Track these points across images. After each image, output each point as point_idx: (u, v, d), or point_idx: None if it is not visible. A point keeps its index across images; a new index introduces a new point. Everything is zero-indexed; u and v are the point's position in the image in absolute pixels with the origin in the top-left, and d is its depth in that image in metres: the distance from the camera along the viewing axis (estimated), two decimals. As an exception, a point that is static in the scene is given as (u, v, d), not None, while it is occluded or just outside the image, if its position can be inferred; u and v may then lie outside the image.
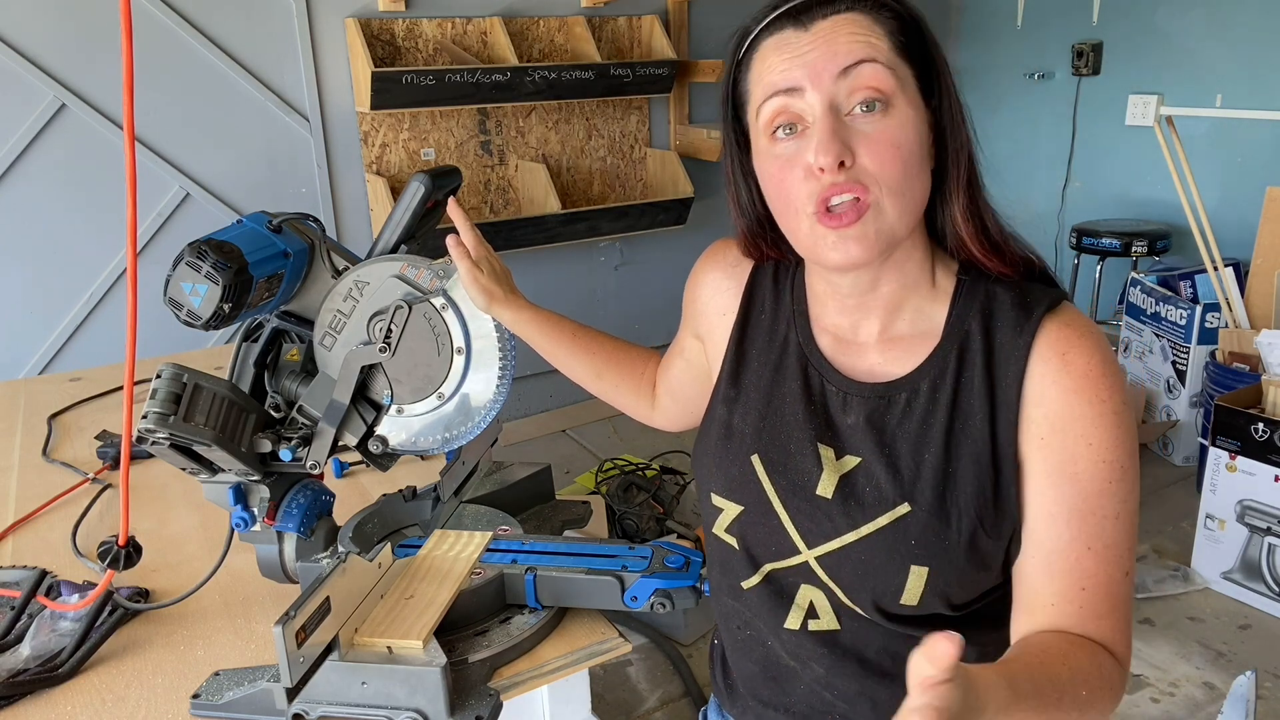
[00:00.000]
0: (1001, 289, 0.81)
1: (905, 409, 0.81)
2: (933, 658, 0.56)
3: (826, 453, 0.83)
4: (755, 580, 0.88)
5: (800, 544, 0.84)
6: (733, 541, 0.88)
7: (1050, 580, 0.77)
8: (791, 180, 0.76)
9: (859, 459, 0.82)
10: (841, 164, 0.73)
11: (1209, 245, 2.85)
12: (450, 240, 0.98)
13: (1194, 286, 3.24)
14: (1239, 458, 2.46)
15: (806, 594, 0.86)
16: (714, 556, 0.93)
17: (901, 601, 0.80)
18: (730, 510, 0.87)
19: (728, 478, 0.87)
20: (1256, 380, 2.58)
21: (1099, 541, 0.76)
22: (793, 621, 0.86)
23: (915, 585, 0.79)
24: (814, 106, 0.74)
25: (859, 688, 0.86)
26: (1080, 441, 0.76)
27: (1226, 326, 2.94)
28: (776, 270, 0.92)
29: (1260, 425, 2.40)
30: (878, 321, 0.84)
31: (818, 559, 0.83)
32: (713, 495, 0.89)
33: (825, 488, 0.82)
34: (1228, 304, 2.92)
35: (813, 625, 0.86)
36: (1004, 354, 0.79)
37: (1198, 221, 2.84)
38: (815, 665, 0.87)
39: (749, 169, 0.84)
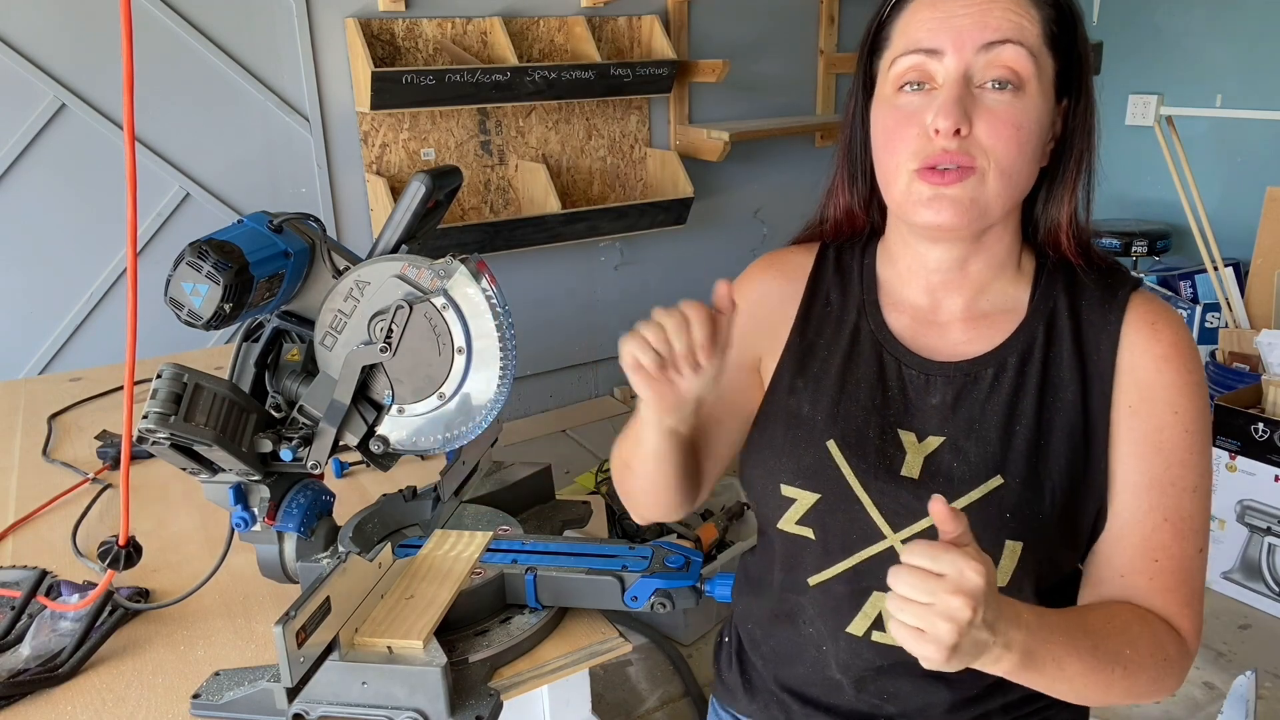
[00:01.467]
0: (1082, 272, 0.82)
1: (993, 384, 0.80)
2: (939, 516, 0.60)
3: (907, 437, 0.82)
4: (826, 575, 0.84)
5: (885, 528, 0.81)
6: (807, 533, 0.84)
7: (1123, 550, 0.77)
8: (904, 134, 0.76)
9: (943, 438, 0.80)
10: (958, 131, 0.73)
11: (1209, 245, 2.85)
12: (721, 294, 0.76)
13: (1194, 286, 3.24)
14: (1239, 458, 2.46)
15: (877, 603, 0.82)
16: (778, 554, 0.89)
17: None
18: (805, 500, 0.84)
19: (800, 466, 0.84)
20: (1256, 380, 2.58)
21: (1176, 514, 0.76)
22: (856, 627, 0.84)
23: (1008, 563, 0.78)
24: (949, 70, 0.74)
25: (922, 701, 0.83)
26: (1167, 410, 0.76)
27: (1226, 326, 2.94)
28: (839, 260, 0.91)
29: (1260, 425, 2.40)
30: (962, 299, 0.84)
31: (904, 542, 0.79)
32: (783, 486, 0.85)
33: (910, 468, 0.81)
34: (1228, 304, 2.92)
35: (876, 636, 0.83)
36: (1094, 328, 0.79)
37: (1198, 221, 2.84)
38: (868, 677, 0.84)
39: (867, 115, 0.82)
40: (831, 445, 0.83)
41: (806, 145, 4.15)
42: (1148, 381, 0.77)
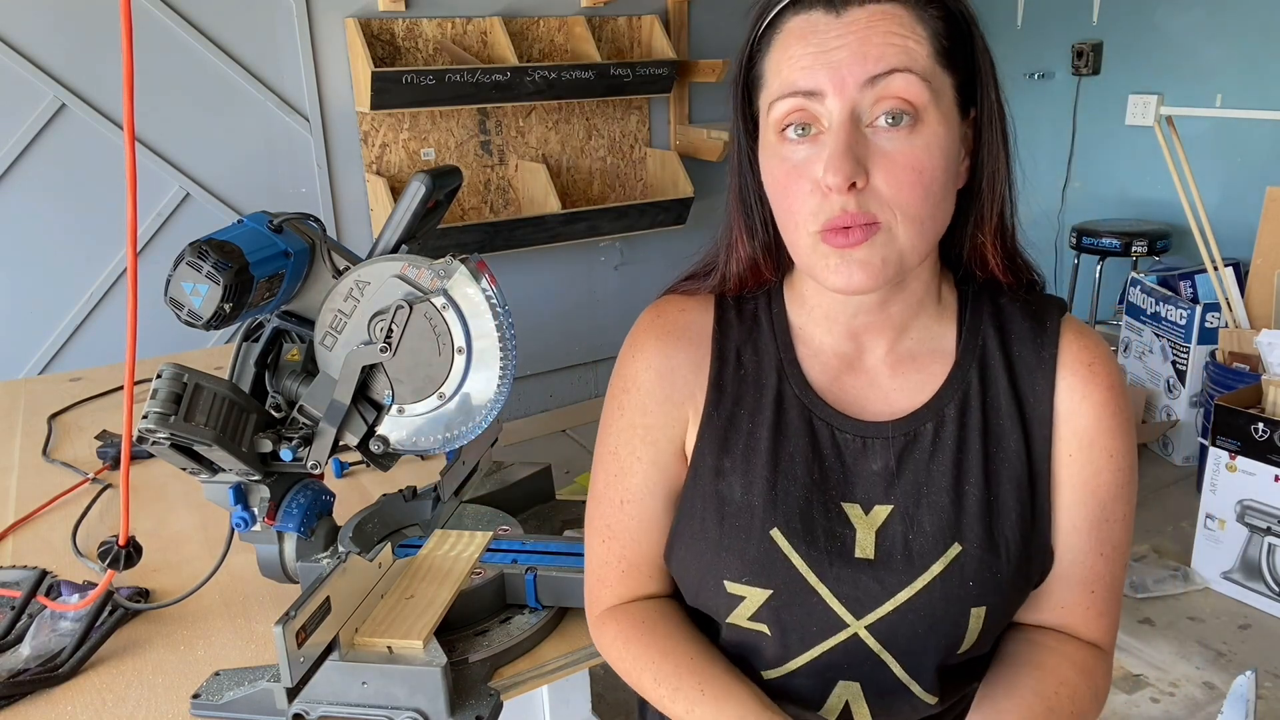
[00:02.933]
0: (1005, 300, 0.79)
1: (935, 440, 0.75)
2: None
3: (853, 510, 0.75)
4: (784, 670, 0.78)
5: (847, 616, 0.74)
6: (761, 628, 0.76)
7: (1066, 587, 0.78)
8: (797, 191, 0.68)
9: (890, 506, 0.74)
10: (853, 185, 0.65)
11: (1209, 245, 2.85)
12: None
13: (1194, 286, 3.24)
14: (1239, 458, 2.46)
15: (842, 693, 0.77)
16: (729, 643, 0.80)
17: (960, 651, 0.75)
18: (756, 596, 0.75)
19: (745, 561, 0.75)
20: (1256, 380, 2.58)
21: (1109, 545, 0.77)
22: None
23: (974, 628, 0.73)
24: (833, 113, 0.66)
25: None
26: (1103, 455, 0.75)
27: (1226, 326, 2.94)
28: (741, 311, 0.82)
29: (1260, 425, 2.40)
30: (884, 341, 0.78)
31: (869, 628, 0.74)
32: (727, 583, 0.76)
33: (864, 548, 0.74)
34: (1228, 304, 2.92)
35: None
36: (1028, 369, 0.76)
37: (1198, 221, 2.84)
38: None
39: (756, 159, 0.74)
40: (776, 534, 0.74)
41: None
42: (1086, 428, 0.75)
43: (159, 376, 0.91)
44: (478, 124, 3.38)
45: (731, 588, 0.76)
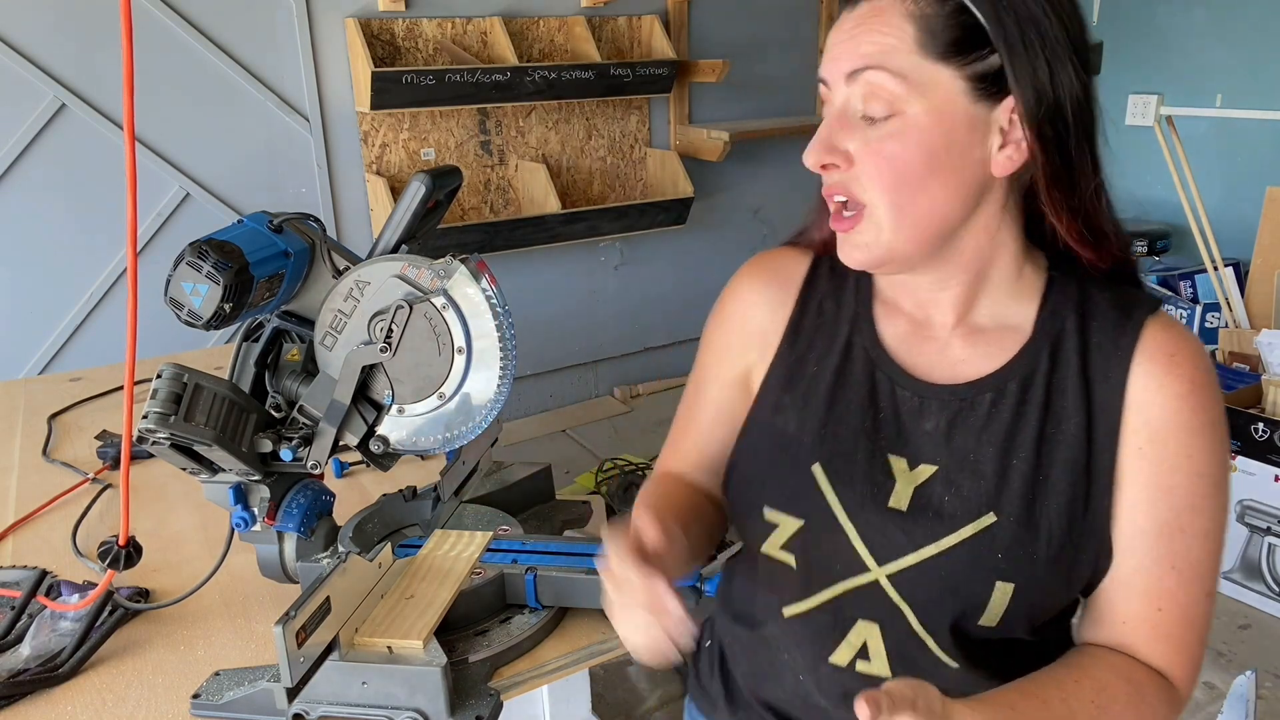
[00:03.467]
0: (1096, 289, 0.77)
1: (991, 411, 0.75)
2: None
3: (898, 463, 0.77)
4: (806, 606, 0.80)
5: (870, 560, 0.76)
6: (789, 560, 0.80)
7: (1126, 598, 0.74)
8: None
9: (935, 467, 0.76)
10: (825, 167, 0.72)
11: (1209, 245, 2.85)
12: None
13: (1194, 286, 3.24)
14: (1239, 458, 2.46)
15: (862, 631, 0.78)
16: (761, 577, 0.84)
17: (980, 622, 0.74)
18: (788, 525, 0.79)
19: (784, 489, 0.80)
20: (1256, 380, 2.58)
21: (1184, 560, 0.72)
22: (840, 657, 0.80)
23: (999, 603, 0.73)
24: (833, 102, 0.73)
25: None
26: (1180, 453, 0.71)
27: (1226, 326, 2.94)
28: (835, 267, 0.84)
29: (1260, 425, 2.40)
30: (951, 315, 0.79)
31: (890, 577, 0.76)
32: (766, 510, 0.80)
33: (899, 500, 0.76)
34: (1228, 304, 2.92)
35: (861, 666, 0.79)
36: (1103, 355, 0.74)
37: (1198, 221, 2.84)
38: (848, 709, 0.78)
39: None
40: (817, 470, 0.78)
41: (806, 145, 4.15)
42: (1161, 421, 0.71)
43: (159, 376, 0.91)
44: (478, 124, 3.38)
45: (769, 514, 0.80)
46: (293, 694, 0.82)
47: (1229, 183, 3.60)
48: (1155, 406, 0.72)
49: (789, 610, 0.82)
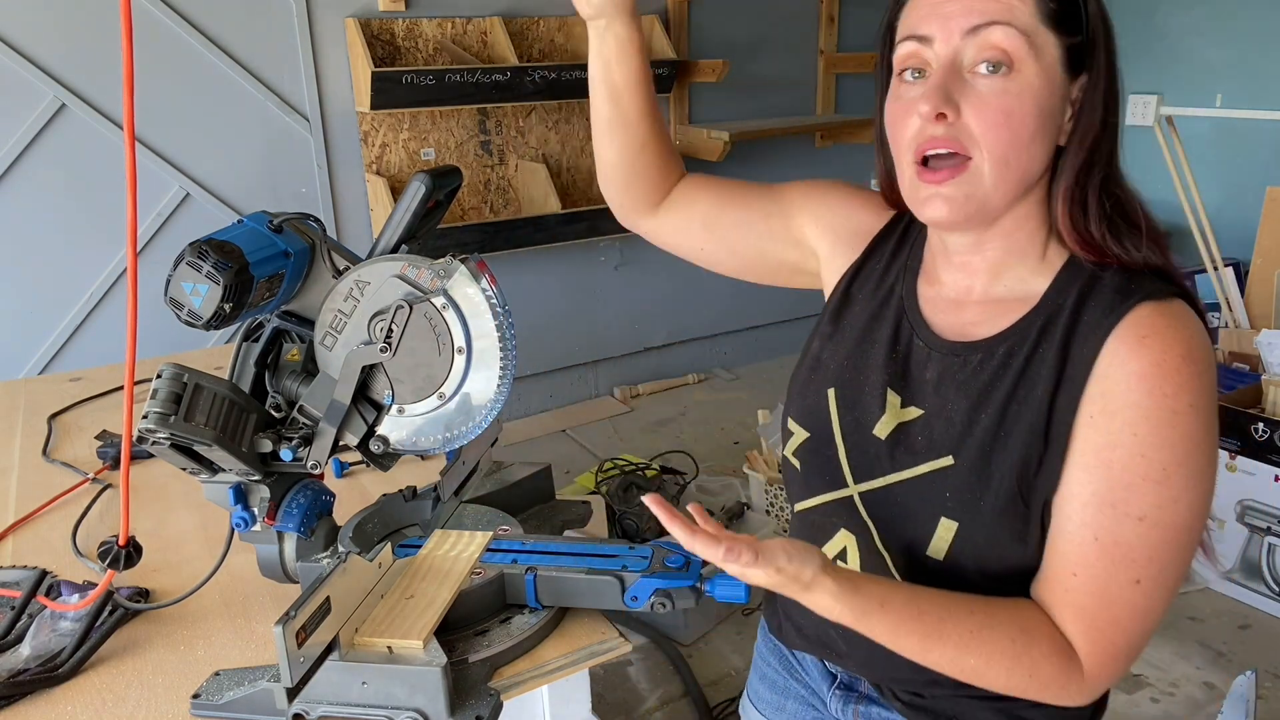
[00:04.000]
0: (1110, 273, 0.79)
1: (975, 369, 0.81)
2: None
3: (893, 399, 0.86)
4: (805, 505, 0.93)
5: (849, 477, 0.88)
6: (797, 464, 0.94)
7: (1050, 558, 0.78)
8: (904, 124, 0.78)
9: (921, 411, 0.84)
10: (941, 116, 0.74)
11: (1209, 245, 2.85)
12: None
13: (1194, 286, 3.24)
14: (1239, 458, 2.47)
15: (841, 540, 0.90)
16: (785, 476, 0.99)
17: (928, 552, 0.82)
18: (799, 435, 0.93)
19: (804, 404, 0.93)
20: (1256, 380, 2.58)
21: (1109, 536, 0.73)
22: (829, 554, 0.90)
23: (943, 538, 0.81)
24: (939, 55, 0.75)
25: (860, 636, 0.81)
26: (1126, 430, 0.72)
27: (1226, 326, 2.94)
28: (909, 227, 0.94)
29: (1260, 425, 2.40)
30: (980, 282, 0.85)
31: (862, 494, 0.87)
32: (789, 419, 0.94)
33: (882, 429, 0.86)
34: (1228, 304, 2.92)
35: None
36: (1085, 332, 0.77)
37: (1198, 221, 2.84)
38: None
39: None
40: (831, 393, 0.90)
41: (807, 145, 4.16)
42: (1114, 394, 0.73)
43: (159, 376, 0.91)
44: (478, 124, 3.38)
45: (790, 423, 0.94)
46: (293, 694, 0.82)
47: (1229, 183, 3.60)
48: (1112, 380, 0.74)
49: (798, 506, 0.95)
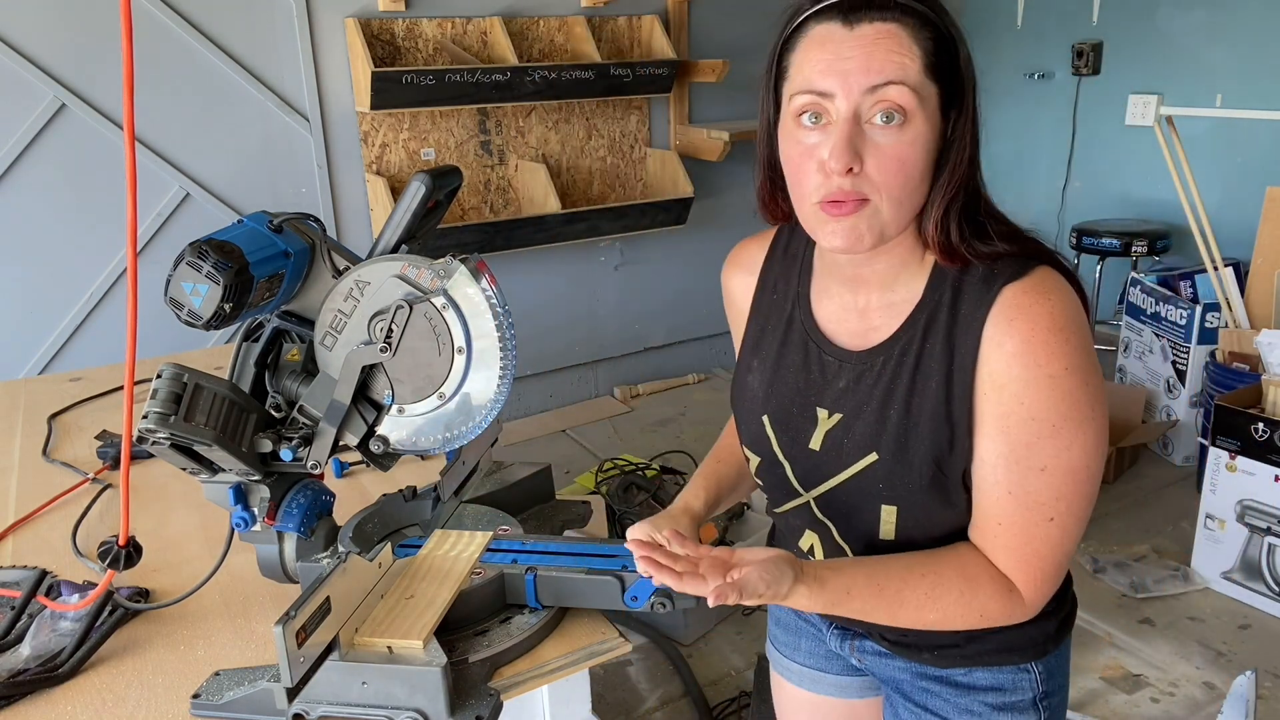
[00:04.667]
0: (975, 266, 0.89)
1: (880, 371, 0.93)
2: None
3: (821, 413, 0.97)
4: (777, 512, 1.07)
5: (799, 488, 1.00)
6: (760, 482, 1.06)
7: (978, 514, 0.91)
8: (807, 169, 0.85)
9: (840, 415, 0.95)
10: (850, 169, 0.81)
11: (1209, 245, 2.85)
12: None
13: (1194, 286, 3.24)
14: (1239, 457, 2.47)
15: (809, 538, 1.03)
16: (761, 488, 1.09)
17: (880, 536, 0.95)
18: (754, 459, 1.04)
19: (749, 433, 1.03)
20: (1256, 380, 2.58)
21: (1020, 488, 0.87)
22: (802, 548, 1.05)
23: (888, 521, 0.94)
24: (840, 110, 0.82)
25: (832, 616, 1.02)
26: (1013, 400, 0.85)
27: (1226, 326, 2.94)
28: (789, 247, 1.04)
29: (1260, 425, 2.40)
30: (875, 293, 0.94)
31: (815, 499, 0.99)
32: (744, 448, 1.06)
33: (815, 441, 0.97)
34: (1228, 304, 2.92)
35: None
36: (964, 324, 0.88)
37: (1198, 221, 2.84)
38: None
39: (778, 128, 0.91)
40: (765, 420, 1.01)
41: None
42: (996, 374, 0.85)
43: (159, 376, 0.91)
44: (478, 124, 3.38)
45: (745, 451, 1.06)
46: (293, 694, 0.82)
47: (1229, 183, 3.60)
48: (993, 361, 0.86)
49: (774, 511, 1.08)
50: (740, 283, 1.08)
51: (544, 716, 1.07)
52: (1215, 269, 2.87)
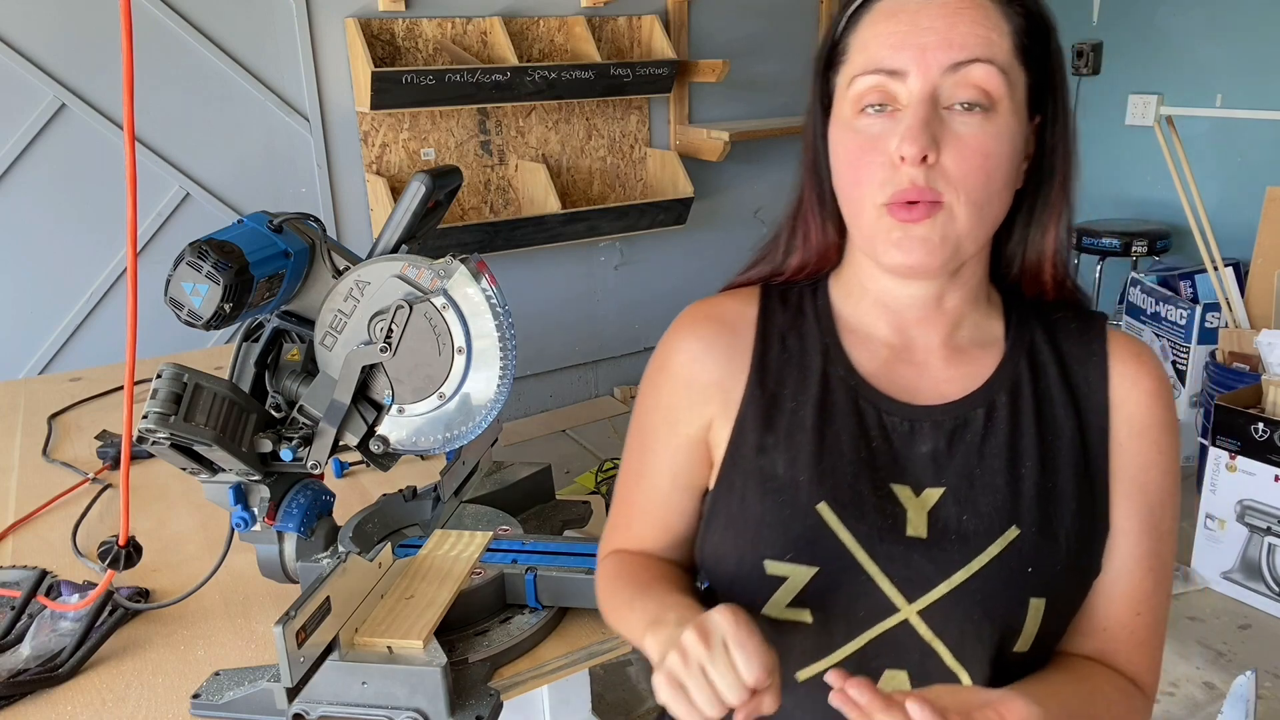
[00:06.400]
0: (1048, 307, 0.79)
1: (986, 425, 0.74)
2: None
3: (903, 492, 0.73)
4: (823, 665, 0.73)
5: (899, 599, 0.71)
6: (802, 616, 0.73)
7: (1109, 602, 0.74)
8: (868, 163, 0.69)
9: (942, 489, 0.73)
10: (925, 159, 0.66)
11: (1209, 245, 2.85)
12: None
13: (1194, 286, 3.24)
14: (1239, 457, 2.46)
15: (889, 681, 0.73)
16: (778, 642, 0.71)
17: (1016, 648, 0.71)
18: (799, 576, 0.72)
19: (789, 537, 0.72)
20: (1256, 380, 2.58)
21: (1158, 560, 0.73)
22: None
23: (1033, 622, 0.71)
24: (914, 92, 0.67)
25: None
26: (1154, 449, 0.73)
27: (1226, 326, 2.94)
28: (785, 300, 0.82)
29: (1260, 425, 2.40)
30: (939, 335, 0.77)
31: (921, 613, 0.71)
32: (768, 564, 0.73)
33: (916, 528, 0.71)
34: (1228, 304, 2.92)
35: None
36: (1077, 360, 0.75)
37: (1198, 221, 2.84)
38: None
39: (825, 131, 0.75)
40: (824, 509, 0.72)
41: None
42: (1138, 417, 0.73)
43: (159, 376, 0.91)
44: (478, 124, 3.38)
45: (772, 568, 0.73)
46: (293, 694, 0.82)
47: (1229, 183, 3.60)
48: (1132, 403, 0.74)
49: (803, 674, 0.74)
50: (717, 346, 0.79)
51: (544, 716, 1.07)
52: (1215, 269, 2.87)
